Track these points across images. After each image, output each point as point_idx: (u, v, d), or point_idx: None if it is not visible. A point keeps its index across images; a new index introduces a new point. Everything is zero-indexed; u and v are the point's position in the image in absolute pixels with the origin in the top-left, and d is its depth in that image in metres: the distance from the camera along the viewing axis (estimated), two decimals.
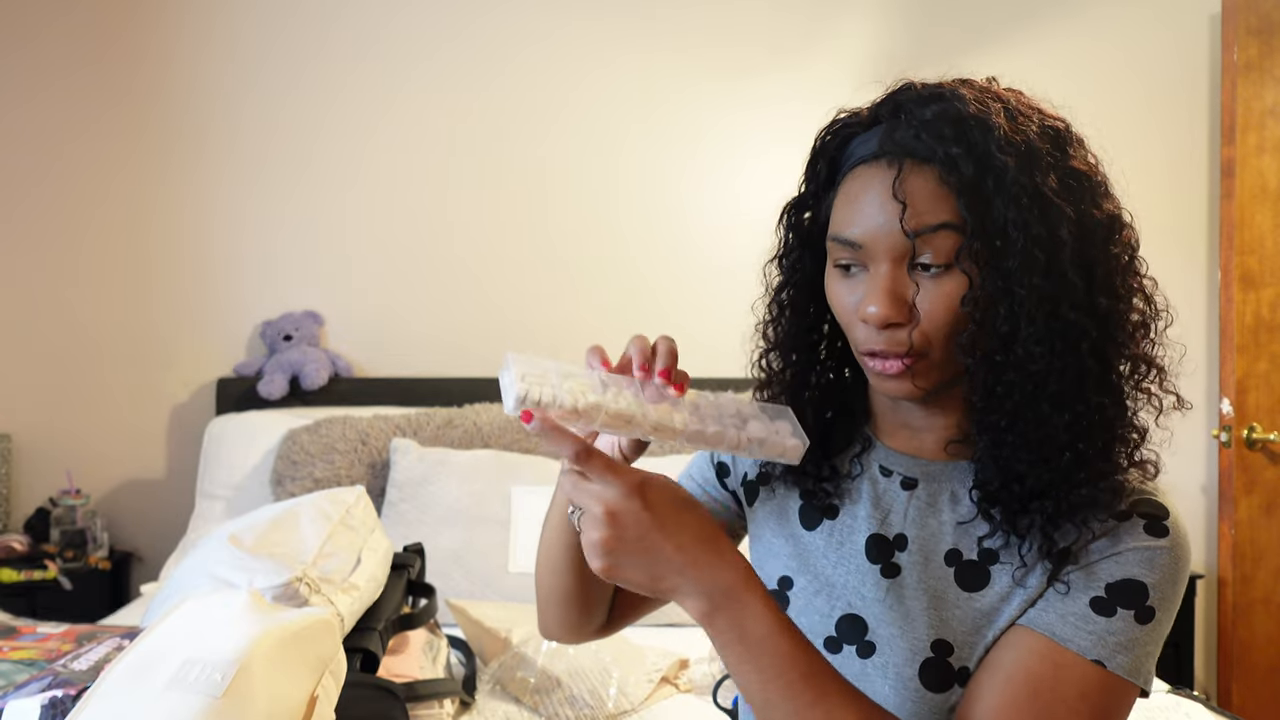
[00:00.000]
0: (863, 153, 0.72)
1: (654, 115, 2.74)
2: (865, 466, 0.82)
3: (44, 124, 2.60)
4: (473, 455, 2.24)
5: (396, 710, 1.16)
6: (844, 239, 0.71)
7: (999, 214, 0.65)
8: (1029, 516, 0.70)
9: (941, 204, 0.67)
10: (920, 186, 0.67)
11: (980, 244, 0.66)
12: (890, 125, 0.70)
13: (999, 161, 0.65)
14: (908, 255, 0.68)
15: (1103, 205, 0.70)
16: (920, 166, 0.67)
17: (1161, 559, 0.69)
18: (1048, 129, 0.69)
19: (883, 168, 0.69)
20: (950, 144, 0.66)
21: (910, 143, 0.68)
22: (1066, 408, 0.68)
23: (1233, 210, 2.54)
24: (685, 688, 1.66)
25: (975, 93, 0.69)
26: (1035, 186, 0.66)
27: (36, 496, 2.60)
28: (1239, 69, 2.50)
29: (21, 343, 2.61)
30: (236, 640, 0.85)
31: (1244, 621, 2.55)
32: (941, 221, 0.67)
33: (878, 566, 0.77)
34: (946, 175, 0.66)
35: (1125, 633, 0.68)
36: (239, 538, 1.26)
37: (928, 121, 0.68)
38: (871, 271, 0.70)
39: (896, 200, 0.67)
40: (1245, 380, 2.51)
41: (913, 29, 2.78)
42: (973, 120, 0.67)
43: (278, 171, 2.66)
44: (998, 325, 0.67)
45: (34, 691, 0.85)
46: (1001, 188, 0.65)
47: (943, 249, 0.67)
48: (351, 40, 2.67)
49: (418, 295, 2.71)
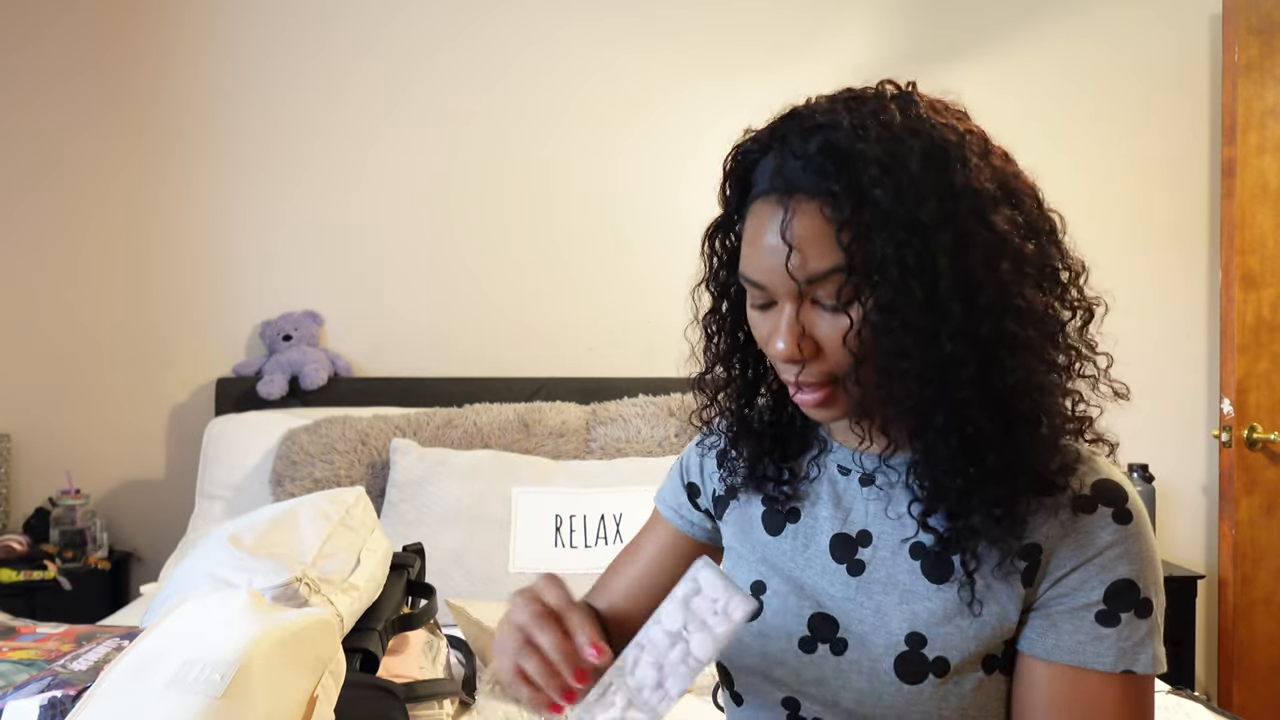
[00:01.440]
0: (759, 185, 0.72)
1: (654, 115, 2.74)
2: (823, 468, 0.84)
3: (44, 124, 2.60)
4: (473, 455, 2.24)
5: (396, 710, 1.16)
6: (749, 280, 0.73)
7: (875, 250, 0.65)
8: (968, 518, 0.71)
9: (826, 244, 0.67)
10: (807, 227, 0.67)
11: (860, 281, 0.66)
12: (778, 158, 0.69)
13: (874, 196, 0.65)
14: (807, 293, 0.70)
15: (992, 219, 0.67)
16: (806, 203, 0.67)
17: (1136, 546, 0.71)
18: (935, 148, 0.67)
19: (773, 205, 0.69)
20: (831, 180, 0.66)
21: (796, 177, 0.68)
22: (953, 432, 0.69)
23: (1233, 210, 2.54)
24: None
25: (856, 117, 0.67)
26: (912, 217, 0.65)
27: (36, 496, 2.60)
28: (1239, 69, 2.50)
29: (21, 343, 2.61)
30: (236, 640, 0.85)
31: (1244, 622, 2.55)
32: (830, 266, 0.67)
33: (843, 565, 0.79)
34: (829, 212, 0.66)
35: (1135, 633, 0.70)
36: (239, 538, 1.26)
37: (810, 156, 0.67)
38: (776, 308, 0.72)
39: (785, 242, 0.68)
40: (1246, 380, 2.51)
41: (913, 29, 2.78)
42: (850, 152, 0.66)
43: (278, 171, 2.66)
44: (882, 360, 0.68)
45: (33, 692, 0.84)
46: (878, 222, 0.65)
47: (832, 289, 0.68)
48: (352, 41, 2.67)
49: (418, 295, 2.70)
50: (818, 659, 0.78)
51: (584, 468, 2.26)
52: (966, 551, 0.72)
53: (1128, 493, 0.72)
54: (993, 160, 0.70)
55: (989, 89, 2.78)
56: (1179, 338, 2.82)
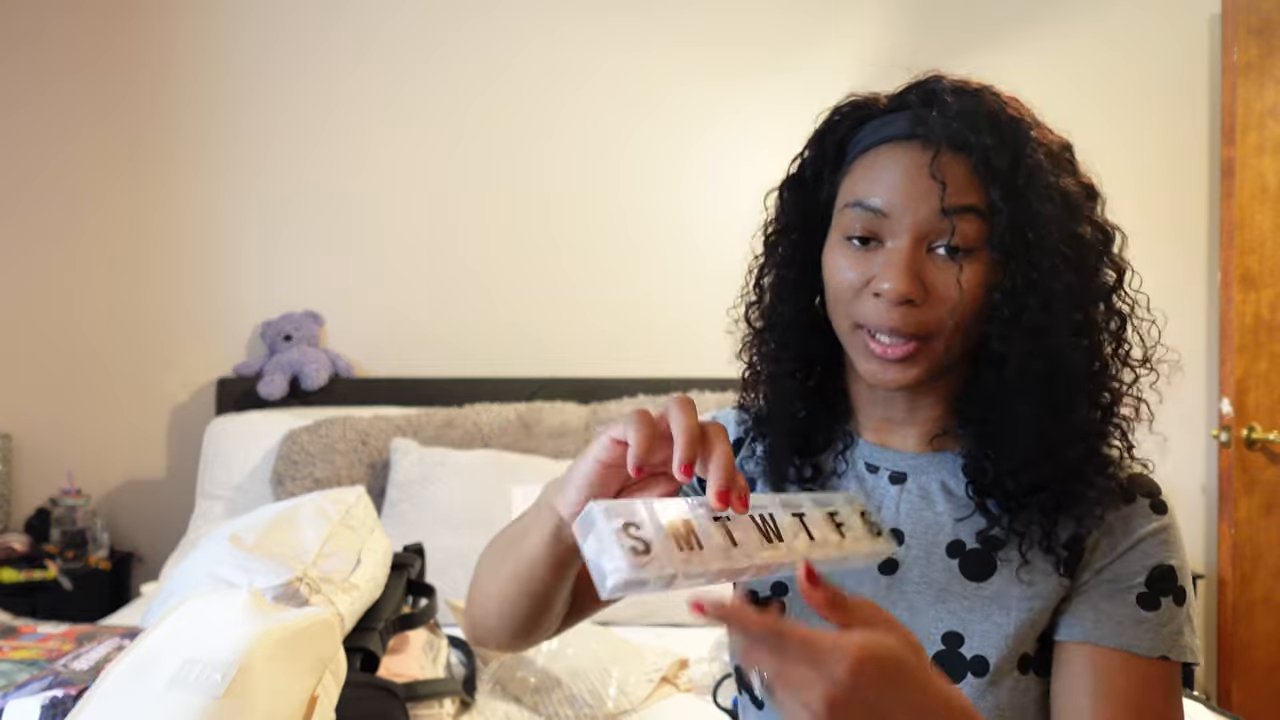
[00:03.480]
0: (889, 133, 0.71)
1: (654, 115, 2.74)
2: (850, 464, 0.81)
3: (44, 124, 2.60)
4: (473, 455, 2.24)
5: (396, 710, 1.16)
6: (867, 205, 0.70)
7: (1034, 208, 0.66)
8: (1027, 511, 0.71)
9: (971, 190, 0.67)
10: (954, 170, 0.68)
11: (1013, 235, 0.67)
12: (922, 111, 0.70)
13: (1032, 159, 0.67)
14: (929, 236, 0.68)
15: (1097, 219, 0.72)
16: (954, 154, 0.68)
17: (1172, 536, 0.72)
18: (1057, 140, 0.72)
19: (916, 148, 0.69)
20: (985, 135, 0.67)
21: (945, 129, 0.68)
22: (1083, 401, 0.70)
23: (1233, 210, 2.54)
24: (685, 687, 1.66)
25: (1002, 93, 0.72)
26: (1063, 188, 0.68)
27: (37, 496, 2.60)
28: (1239, 69, 2.50)
29: (22, 343, 2.61)
30: (236, 640, 0.85)
31: (1244, 621, 2.55)
32: (970, 204, 0.67)
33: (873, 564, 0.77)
34: (980, 165, 0.67)
35: (1174, 619, 0.71)
36: (239, 538, 1.26)
37: (962, 112, 0.68)
38: (890, 246, 0.69)
39: (934, 179, 0.67)
40: (1245, 380, 2.51)
41: (913, 29, 2.78)
42: (1006, 117, 0.68)
43: (278, 171, 2.66)
44: (1028, 317, 0.67)
45: (34, 691, 0.85)
46: (1034, 183, 0.67)
47: (969, 233, 0.67)
48: (352, 41, 2.67)
49: (418, 295, 2.71)
50: None
51: None
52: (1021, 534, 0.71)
53: (1160, 487, 0.74)
54: (1088, 170, 0.74)
55: None
56: (1178, 338, 2.82)
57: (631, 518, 0.56)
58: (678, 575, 0.55)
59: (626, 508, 0.57)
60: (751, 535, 0.60)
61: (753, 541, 0.60)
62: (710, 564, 0.57)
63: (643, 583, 0.54)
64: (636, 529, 0.55)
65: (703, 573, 0.56)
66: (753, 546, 0.60)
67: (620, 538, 0.54)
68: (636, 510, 0.57)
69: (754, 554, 0.59)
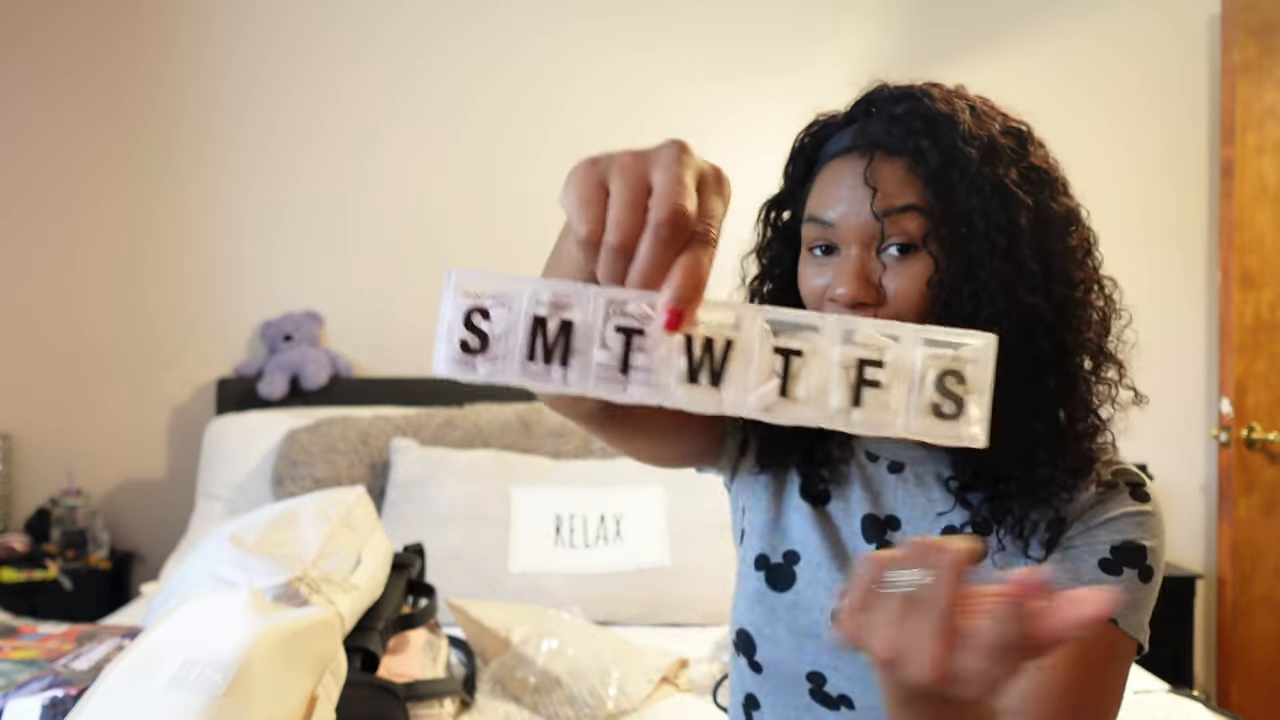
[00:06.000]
0: (836, 148, 0.76)
1: (654, 115, 2.74)
2: (852, 453, 0.84)
3: (43, 123, 2.60)
4: (473, 455, 2.24)
5: (396, 710, 1.16)
6: (817, 218, 0.75)
7: (963, 201, 0.69)
8: (1001, 501, 0.73)
9: (909, 189, 0.71)
10: (889, 174, 0.71)
11: (945, 229, 0.70)
12: (863, 122, 0.75)
13: (964, 154, 0.69)
14: (876, 240, 0.72)
15: (1060, 200, 0.73)
16: (890, 157, 0.71)
17: (1151, 523, 0.74)
18: (1010, 128, 0.74)
19: (855, 159, 0.73)
20: (919, 136, 0.70)
21: (881, 136, 0.72)
22: (1024, 389, 0.70)
23: (1232, 210, 2.54)
24: (685, 688, 1.66)
25: (943, 93, 0.74)
26: (997, 178, 0.70)
27: (37, 496, 2.60)
28: (1239, 69, 2.50)
29: (22, 343, 2.61)
30: (236, 640, 0.85)
31: (1244, 621, 2.55)
32: (908, 203, 0.70)
33: (873, 545, 0.80)
34: (915, 165, 0.70)
35: (1133, 591, 0.72)
36: (240, 538, 1.26)
37: (898, 116, 0.72)
38: (841, 255, 0.74)
39: (867, 186, 0.71)
40: (1245, 380, 2.51)
41: (912, 29, 2.78)
42: (940, 116, 0.71)
43: (278, 171, 2.66)
44: (961, 306, 0.70)
45: (34, 691, 0.85)
46: (966, 177, 0.69)
47: (909, 230, 0.71)
48: (351, 40, 2.67)
49: (418, 295, 2.70)
50: None
51: (584, 468, 2.27)
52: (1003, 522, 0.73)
53: (1146, 481, 0.76)
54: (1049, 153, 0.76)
55: (988, 89, 2.77)
56: (1178, 338, 2.83)
57: (488, 300, 0.46)
58: (520, 382, 0.45)
59: (496, 282, 0.47)
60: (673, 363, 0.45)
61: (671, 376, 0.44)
62: (572, 384, 0.45)
63: (474, 374, 0.45)
64: (484, 317, 0.46)
65: (559, 392, 0.45)
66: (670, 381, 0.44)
67: (455, 327, 0.46)
68: (505, 290, 0.46)
69: (670, 390, 0.44)
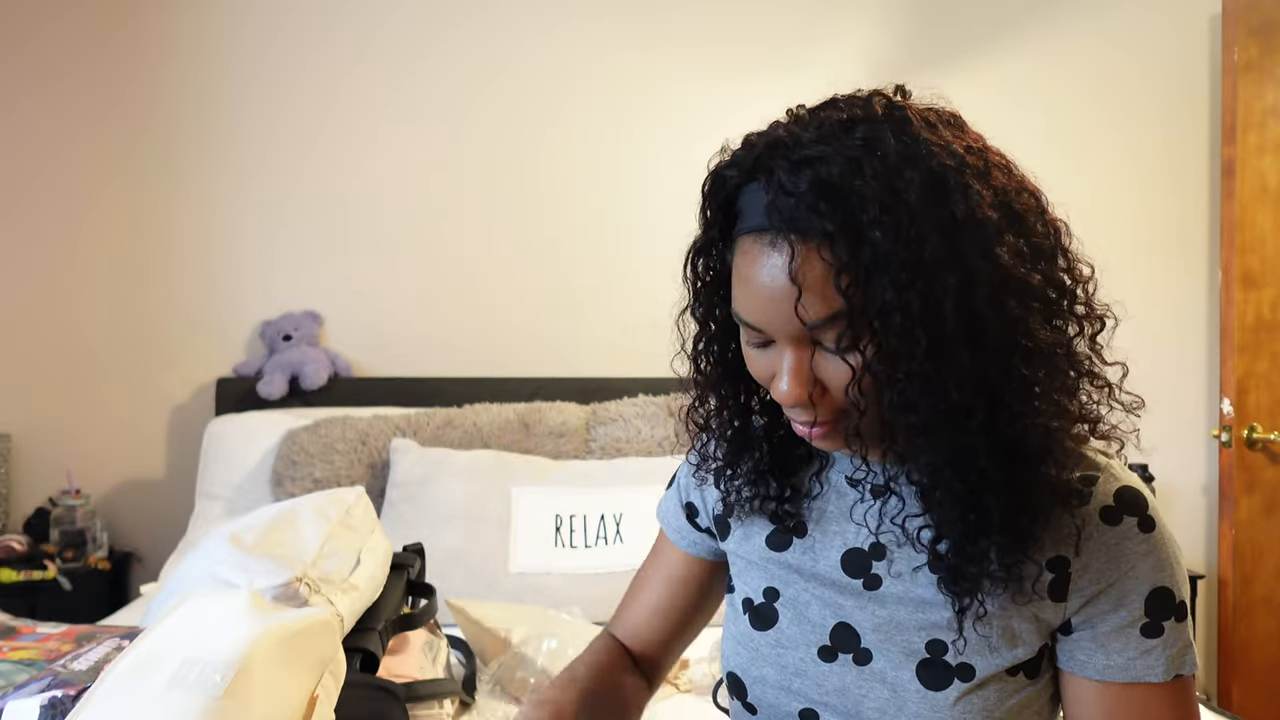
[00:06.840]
0: (750, 219, 0.67)
1: (654, 115, 2.74)
2: (828, 483, 0.81)
3: (43, 123, 2.60)
4: (473, 455, 2.24)
5: (396, 710, 1.16)
6: (746, 322, 0.69)
7: (876, 295, 0.61)
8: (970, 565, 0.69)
9: (825, 288, 0.63)
10: (811, 270, 0.63)
11: (859, 329, 0.63)
12: (768, 191, 0.65)
13: (872, 237, 0.61)
14: (807, 337, 0.67)
15: (996, 252, 0.62)
16: (802, 244, 0.63)
17: (1164, 553, 0.71)
18: (934, 177, 0.62)
19: (766, 245, 0.65)
20: (826, 219, 0.61)
21: (790, 215, 0.63)
22: (958, 479, 0.66)
23: (1233, 210, 2.54)
24: (685, 688, 1.66)
25: (848, 149, 0.63)
26: (913, 258, 0.61)
27: (36, 496, 2.60)
28: (1239, 69, 2.50)
29: (22, 343, 2.61)
30: (236, 640, 0.85)
31: (1244, 621, 2.55)
32: (830, 312, 0.64)
33: (859, 580, 0.77)
34: (827, 255, 0.62)
35: (1179, 638, 0.72)
36: (239, 538, 1.26)
37: (803, 193, 0.62)
38: (777, 349, 0.69)
39: (793, 284, 0.63)
40: (1245, 380, 2.51)
41: (912, 29, 2.78)
42: (846, 190, 0.61)
43: (278, 171, 2.66)
44: (894, 399, 0.65)
45: (33, 692, 0.84)
46: (878, 265, 0.61)
47: (834, 335, 0.65)
48: (351, 40, 2.67)
49: (418, 295, 2.70)
50: (839, 668, 0.77)
51: (584, 468, 2.27)
52: (970, 596, 0.70)
53: (1147, 498, 0.72)
54: (993, 180, 0.65)
55: (989, 89, 2.78)
56: (1179, 338, 2.82)
57: None
58: None
59: None
60: None
61: None
62: None
63: None
64: None
65: None
66: None
67: None
68: None
69: None
